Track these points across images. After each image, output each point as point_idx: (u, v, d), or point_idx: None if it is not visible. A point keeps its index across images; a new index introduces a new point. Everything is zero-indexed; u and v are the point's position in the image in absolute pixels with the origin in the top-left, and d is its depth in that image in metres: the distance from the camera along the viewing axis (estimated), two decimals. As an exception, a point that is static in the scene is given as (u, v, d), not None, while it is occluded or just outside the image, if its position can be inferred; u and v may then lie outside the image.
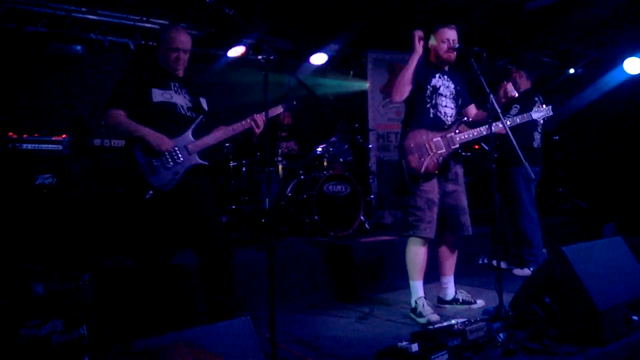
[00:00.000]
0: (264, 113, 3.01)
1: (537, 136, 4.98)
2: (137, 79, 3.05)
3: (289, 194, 5.48)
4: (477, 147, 6.98)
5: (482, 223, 5.77)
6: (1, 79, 5.06)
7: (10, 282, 2.60)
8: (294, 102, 3.20)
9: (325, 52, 6.89)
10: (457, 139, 3.49)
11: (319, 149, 5.74)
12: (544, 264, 3.09)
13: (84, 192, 4.32)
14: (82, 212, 4.25)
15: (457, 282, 3.83)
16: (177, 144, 2.94)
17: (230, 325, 2.23)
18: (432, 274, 3.81)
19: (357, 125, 6.25)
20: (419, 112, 3.53)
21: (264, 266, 3.78)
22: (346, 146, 5.92)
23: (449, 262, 3.72)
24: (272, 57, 3.16)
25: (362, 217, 5.50)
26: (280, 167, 5.48)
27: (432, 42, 3.62)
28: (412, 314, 3.52)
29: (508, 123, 3.46)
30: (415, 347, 2.53)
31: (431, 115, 3.53)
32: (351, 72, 7.71)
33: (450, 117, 3.58)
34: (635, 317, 2.84)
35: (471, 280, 4.61)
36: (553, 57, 7.67)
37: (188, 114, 3.07)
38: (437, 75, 3.59)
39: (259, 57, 2.97)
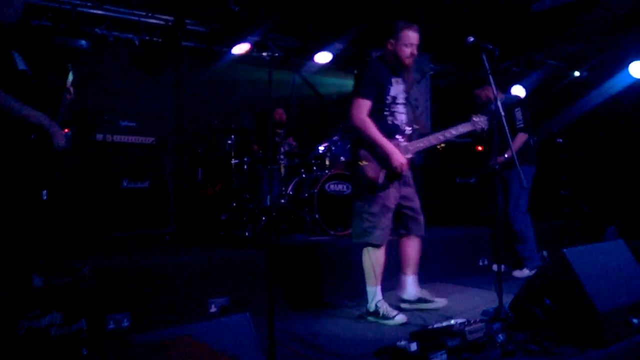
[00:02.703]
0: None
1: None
2: None
3: (291, 192, 5.48)
4: (481, 148, 6.98)
5: (483, 224, 5.79)
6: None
7: (12, 274, 2.61)
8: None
9: (329, 51, 6.89)
10: (411, 148, 3.49)
11: (321, 148, 5.73)
12: (545, 266, 3.09)
13: (86, 186, 4.32)
14: (84, 206, 4.25)
15: (458, 282, 3.83)
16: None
17: (230, 322, 2.23)
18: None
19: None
20: (376, 119, 3.42)
21: (264, 264, 3.78)
22: (348, 145, 5.90)
23: (412, 261, 3.70)
24: (276, 55, 3.05)
25: (363, 217, 5.48)
26: (282, 165, 5.47)
27: (393, 43, 3.47)
28: (374, 318, 3.46)
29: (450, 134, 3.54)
30: (414, 346, 2.53)
31: (389, 123, 3.49)
32: (355, 71, 7.71)
33: (405, 123, 3.57)
34: (635, 320, 2.83)
35: (472, 281, 4.61)
36: (559, 60, 7.66)
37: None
38: (394, 81, 3.50)
39: (264, 54, 2.91)
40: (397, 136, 3.48)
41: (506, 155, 4.52)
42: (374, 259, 3.47)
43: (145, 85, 6.23)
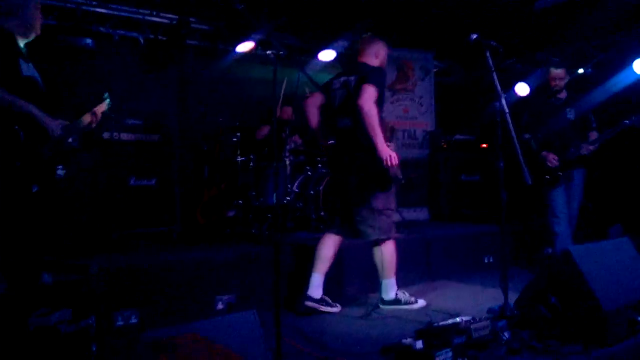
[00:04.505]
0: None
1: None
2: (3, 44, 2.56)
3: (296, 190, 5.49)
4: (485, 145, 6.97)
5: (488, 221, 5.80)
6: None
7: (20, 272, 2.63)
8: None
9: (333, 49, 6.89)
10: None
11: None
12: (550, 264, 3.09)
13: (93, 184, 4.35)
14: (92, 204, 4.28)
15: (463, 280, 3.86)
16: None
17: (237, 318, 2.25)
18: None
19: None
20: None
21: (270, 261, 3.79)
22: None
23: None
24: (281, 53, 3.04)
25: (368, 214, 5.49)
26: (287, 162, 5.49)
27: (383, 55, 3.79)
28: (396, 306, 3.69)
29: None
30: (419, 344, 2.54)
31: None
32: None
33: None
34: (640, 319, 2.84)
35: (477, 278, 4.62)
36: (562, 57, 7.63)
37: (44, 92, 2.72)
38: None
39: (269, 52, 2.90)
40: None
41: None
42: (394, 252, 3.71)
43: (150, 83, 6.24)
